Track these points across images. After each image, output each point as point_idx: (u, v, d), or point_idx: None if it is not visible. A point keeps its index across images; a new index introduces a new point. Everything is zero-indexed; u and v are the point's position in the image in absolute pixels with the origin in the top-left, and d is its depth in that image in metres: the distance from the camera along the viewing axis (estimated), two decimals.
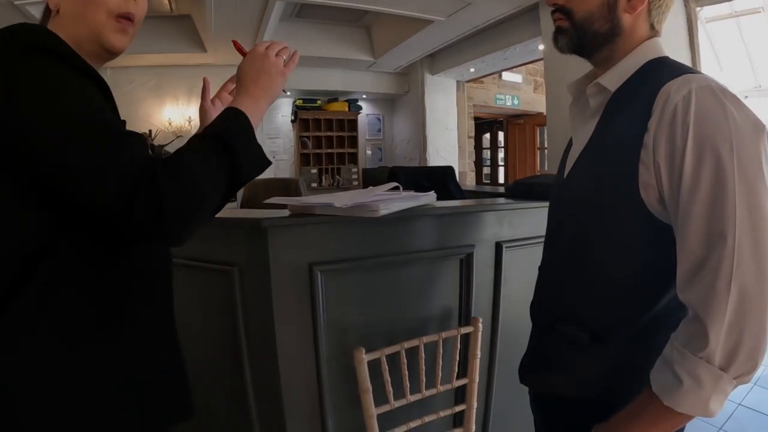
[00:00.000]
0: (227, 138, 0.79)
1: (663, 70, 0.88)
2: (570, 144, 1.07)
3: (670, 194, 0.81)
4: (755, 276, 0.73)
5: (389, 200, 1.39)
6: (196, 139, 0.80)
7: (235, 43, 1.05)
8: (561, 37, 0.97)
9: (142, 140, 0.76)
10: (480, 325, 1.57)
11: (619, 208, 0.88)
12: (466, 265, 1.65)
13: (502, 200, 1.88)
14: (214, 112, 0.99)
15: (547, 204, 1.53)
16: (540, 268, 1.12)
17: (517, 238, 1.78)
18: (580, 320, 0.94)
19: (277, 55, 0.95)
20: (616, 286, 0.91)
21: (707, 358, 0.74)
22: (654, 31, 0.95)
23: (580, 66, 1.05)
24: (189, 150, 0.76)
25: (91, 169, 0.68)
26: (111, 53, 0.88)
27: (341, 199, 1.33)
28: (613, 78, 0.94)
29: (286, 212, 1.40)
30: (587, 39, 0.95)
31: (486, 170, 10.51)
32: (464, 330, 1.55)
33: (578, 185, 0.98)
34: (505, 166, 9.94)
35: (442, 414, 1.53)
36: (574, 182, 0.99)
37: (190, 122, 6.29)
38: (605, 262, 0.92)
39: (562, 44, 0.98)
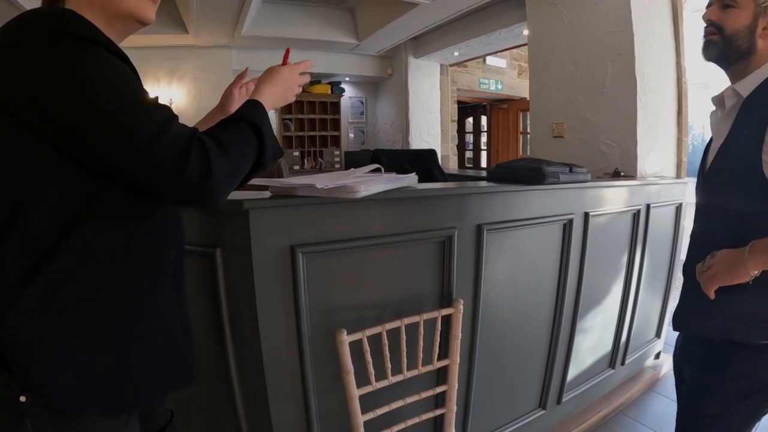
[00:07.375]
0: (258, 123, 0.94)
1: None
2: (710, 141, 1.32)
3: None
4: None
5: (370, 182, 1.39)
6: (228, 120, 0.93)
7: (287, 51, 1.30)
8: (711, 48, 1.23)
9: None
10: (461, 306, 1.58)
11: (749, 185, 1.13)
12: (447, 247, 1.66)
13: (483, 183, 1.89)
14: (236, 98, 1.24)
15: (528, 188, 1.91)
16: (692, 233, 1.36)
17: (498, 221, 1.79)
18: None
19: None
20: (753, 239, 1.13)
21: None
22: None
23: (563, 55, 1.13)
24: (223, 127, 0.89)
25: (148, 131, 0.74)
26: (143, 25, 0.92)
27: (322, 180, 1.32)
28: (746, 85, 1.19)
29: (267, 194, 1.39)
30: (731, 52, 1.20)
31: (468, 154, 10.52)
32: (445, 311, 1.56)
33: (719, 172, 1.24)
34: (488, 150, 9.96)
35: (423, 395, 1.55)
36: (715, 170, 1.25)
37: (171, 104, 6.17)
38: (744, 223, 1.16)
39: (710, 54, 1.24)
